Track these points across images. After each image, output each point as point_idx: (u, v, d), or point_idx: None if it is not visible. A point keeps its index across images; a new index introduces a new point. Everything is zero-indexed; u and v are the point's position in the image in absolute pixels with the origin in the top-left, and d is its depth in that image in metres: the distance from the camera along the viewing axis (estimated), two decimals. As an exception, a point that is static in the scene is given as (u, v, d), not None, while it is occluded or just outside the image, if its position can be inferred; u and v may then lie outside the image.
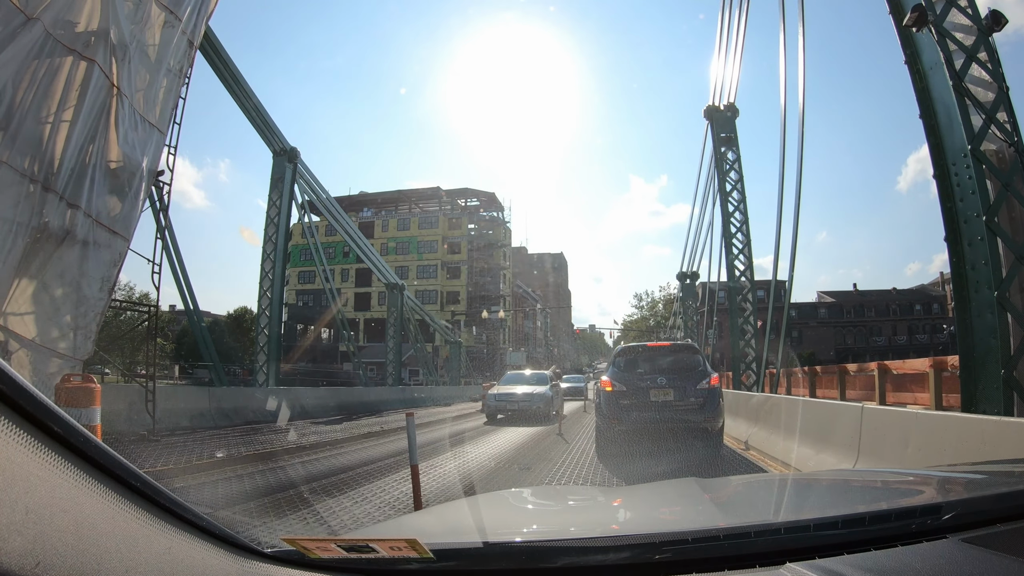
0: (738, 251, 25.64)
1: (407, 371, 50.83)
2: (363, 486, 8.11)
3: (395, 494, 7.49)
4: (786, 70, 17.76)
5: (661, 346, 12.55)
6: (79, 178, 10.25)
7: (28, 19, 8.68)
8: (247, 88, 23.40)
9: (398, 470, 9.20)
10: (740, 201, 25.87)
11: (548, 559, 1.55)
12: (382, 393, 31.19)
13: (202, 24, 13.62)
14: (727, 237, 25.84)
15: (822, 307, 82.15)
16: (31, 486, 0.88)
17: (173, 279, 19.66)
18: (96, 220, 10.60)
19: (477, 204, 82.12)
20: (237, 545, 1.31)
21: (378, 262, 38.21)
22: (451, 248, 76.26)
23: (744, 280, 25.63)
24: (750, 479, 4.86)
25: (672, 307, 55.62)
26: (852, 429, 7.68)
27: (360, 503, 7.06)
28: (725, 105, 26.93)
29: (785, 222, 17.90)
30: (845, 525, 1.63)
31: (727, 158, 26.61)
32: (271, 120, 25.42)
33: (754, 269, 25.75)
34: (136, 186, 11.71)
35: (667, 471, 8.49)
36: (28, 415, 0.90)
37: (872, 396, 15.11)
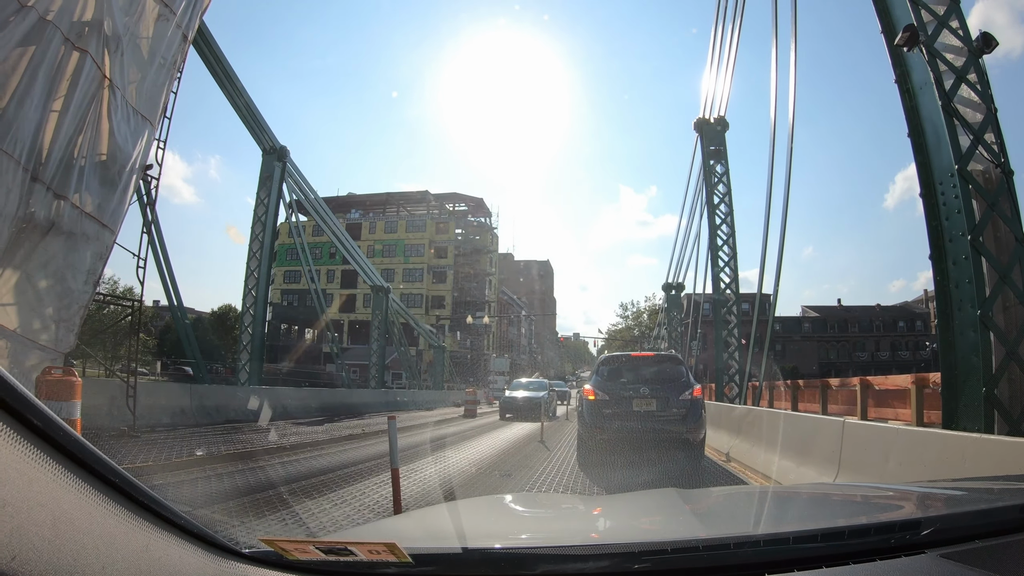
0: (724, 263, 25.76)
1: (390, 374, 50.73)
2: (343, 488, 8.08)
3: (375, 497, 7.47)
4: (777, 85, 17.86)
5: (645, 356, 12.59)
6: (67, 169, 10.13)
7: (21, 6, 8.58)
8: (239, 85, 23.31)
9: (378, 473, 9.18)
10: (727, 214, 26.02)
11: (527, 566, 1.56)
12: (364, 395, 31.07)
13: (196, 18, 13.53)
14: (713, 249, 25.98)
15: (806, 321, 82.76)
16: (7, 479, 0.87)
17: (158, 274, 19.57)
18: (83, 212, 10.48)
19: (465, 209, 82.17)
20: (215, 544, 1.30)
21: (364, 264, 38.10)
22: (438, 252, 76.22)
23: (729, 293, 25.77)
24: (730, 491, 4.91)
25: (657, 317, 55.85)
26: (833, 443, 7.72)
27: (340, 505, 7.05)
28: (715, 118, 27.08)
29: (771, 236, 17.99)
30: (824, 539, 1.64)
31: (716, 171, 26.76)
32: (262, 118, 25.38)
33: (739, 282, 25.92)
34: (125, 179, 11.58)
35: (648, 481, 8.53)
36: (6, 406, 0.89)
37: (854, 411, 15.20)
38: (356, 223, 76.13)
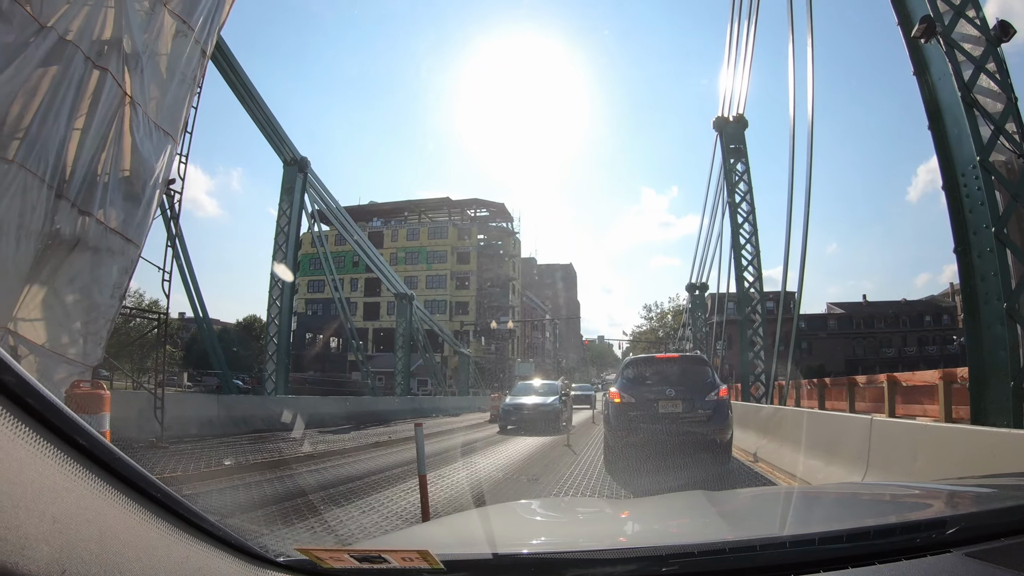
0: (747, 262, 25.51)
1: (416, 381, 50.88)
2: (371, 496, 8.11)
3: (403, 504, 7.49)
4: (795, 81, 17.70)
5: (670, 358, 12.54)
6: (91, 185, 10.32)
7: (42, 28, 8.77)
8: (258, 98, 23.55)
9: (406, 480, 9.19)
10: (749, 212, 25.81)
11: (556, 571, 1.57)
12: (391, 403, 31.21)
13: (214, 34, 13.72)
14: (736, 248, 25.74)
15: (832, 318, 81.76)
16: (57, 496, 0.90)
17: (183, 287, 19.79)
18: (108, 227, 10.66)
19: (487, 214, 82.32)
20: (251, 554, 1.33)
21: (387, 272, 38.27)
22: (460, 258, 76.38)
23: (753, 291, 25.54)
24: (758, 492, 4.92)
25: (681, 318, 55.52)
26: (861, 441, 7.63)
27: (368, 512, 7.08)
28: (734, 117, 26.91)
29: (794, 233, 17.81)
30: (850, 539, 1.64)
31: (736, 169, 26.57)
32: (282, 130, 25.58)
33: (763, 280, 25.71)
34: (149, 194, 11.77)
35: (675, 484, 8.45)
36: (55, 428, 0.92)
37: (881, 408, 14.95)
38: (378, 231, 76.54)
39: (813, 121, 16.09)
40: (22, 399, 0.87)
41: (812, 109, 16.08)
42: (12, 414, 0.85)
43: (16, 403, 0.87)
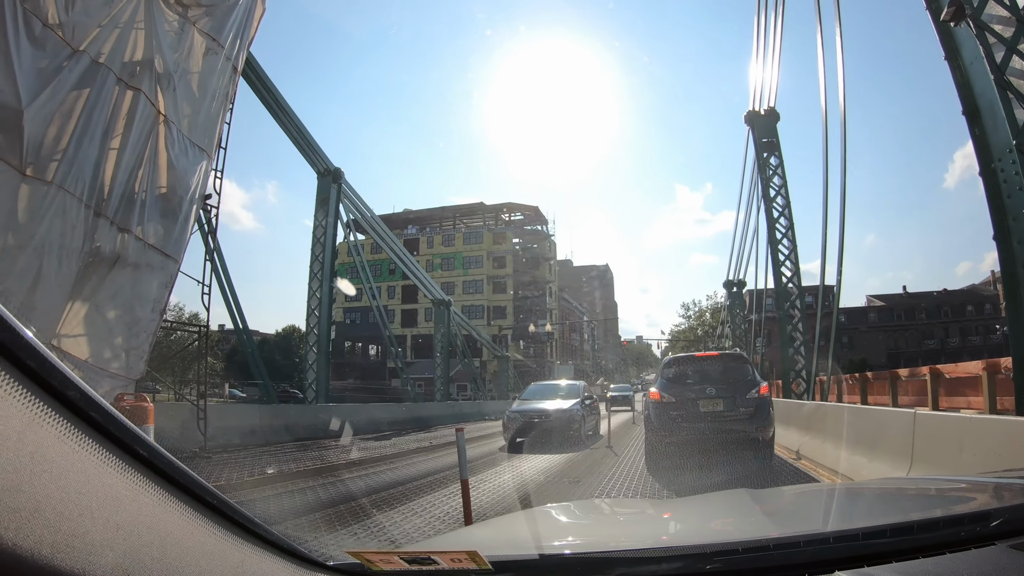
0: (784, 257, 25.21)
1: (455, 386, 51.08)
2: (413, 500, 8.17)
3: (445, 508, 7.53)
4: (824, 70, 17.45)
5: (709, 356, 12.45)
6: (129, 203, 10.61)
7: (74, 52, 9.03)
8: (290, 111, 23.88)
9: (447, 484, 9.23)
10: (785, 206, 25.48)
11: (603, 570, 1.59)
12: (431, 408, 31.38)
13: (244, 50, 14.00)
14: (773, 243, 25.45)
15: (872, 311, 79.97)
16: (120, 505, 0.94)
17: (222, 299, 20.18)
18: (147, 243, 10.95)
19: (521, 218, 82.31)
20: (302, 558, 1.36)
21: (424, 279, 38.51)
22: (496, 263, 76.44)
23: (791, 286, 25.21)
24: (801, 489, 4.87)
25: (720, 316, 54.90)
26: (905, 436, 7.46)
27: (410, 517, 7.13)
28: (765, 110, 26.57)
29: (831, 225, 17.54)
30: (893, 533, 1.62)
31: (770, 163, 26.21)
32: (314, 142, 25.88)
33: (801, 275, 25.35)
34: (186, 210, 12.07)
35: (718, 482, 8.38)
36: (116, 439, 0.96)
37: (925, 401, 14.67)
38: (414, 238, 77.04)
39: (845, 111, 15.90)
40: (86, 413, 0.91)
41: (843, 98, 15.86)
42: (78, 428, 0.89)
43: (81, 417, 0.90)
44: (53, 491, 0.84)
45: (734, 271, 38.61)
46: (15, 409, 0.81)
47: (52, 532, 0.82)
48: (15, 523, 0.77)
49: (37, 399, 0.84)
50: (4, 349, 0.81)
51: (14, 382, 0.81)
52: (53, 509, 0.83)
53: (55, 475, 0.85)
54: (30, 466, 0.81)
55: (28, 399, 0.83)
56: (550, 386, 19.53)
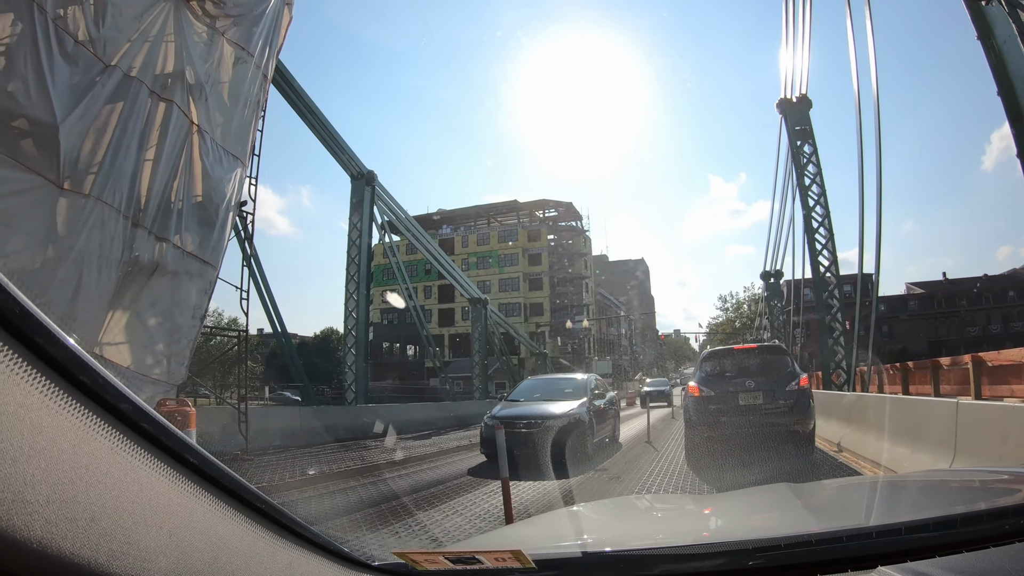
0: (821, 246, 24.70)
1: (494, 384, 51.15)
2: (454, 499, 8.24)
3: (485, 507, 7.59)
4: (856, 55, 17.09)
5: (748, 348, 12.34)
6: (166, 212, 10.84)
7: (106, 67, 9.25)
8: (321, 116, 24.16)
9: (487, 483, 9.30)
10: (820, 195, 24.94)
11: (646, 567, 1.62)
12: (469, 407, 31.45)
13: (273, 57, 14.20)
14: (809, 232, 24.96)
15: (912, 299, 77.99)
16: (172, 512, 0.97)
17: (261, 304, 20.49)
18: (185, 251, 11.18)
19: (555, 214, 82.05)
20: (348, 559, 1.39)
21: (460, 278, 38.62)
22: (532, 260, 76.35)
23: (829, 276, 24.65)
24: (843, 483, 4.90)
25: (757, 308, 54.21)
26: (947, 426, 7.34)
27: (451, 516, 7.20)
28: (797, 97, 26.03)
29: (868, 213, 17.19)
30: (936, 527, 1.62)
31: (804, 151, 25.68)
32: (346, 145, 26.11)
33: (839, 264, 24.77)
34: (222, 217, 12.29)
35: (758, 477, 8.28)
36: (166, 448, 0.99)
37: (967, 391, 14.31)
38: (448, 238, 77.31)
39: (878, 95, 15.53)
40: (138, 424, 0.94)
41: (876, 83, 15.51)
42: (130, 439, 0.92)
43: (132, 428, 0.93)
44: (108, 501, 0.86)
45: (771, 262, 38.01)
46: (69, 423, 0.83)
47: (108, 540, 0.84)
48: (73, 533, 0.80)
49: (91, 412, 0.87)
50: (58, 365, 0.83)
51: (68, 397, 0.83)
52: (109, 518, 0.85)
53: (110, 485, 0.87)
54: (85, 477, 0.84)
55: (82, 413, 0.85)
56: (550, 381, 15.51)
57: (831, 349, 24.08)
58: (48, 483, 0.78)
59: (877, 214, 16.50)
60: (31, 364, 0.79)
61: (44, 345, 0.81)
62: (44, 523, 0.77)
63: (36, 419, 0.79)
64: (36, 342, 0.81)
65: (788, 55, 26.19)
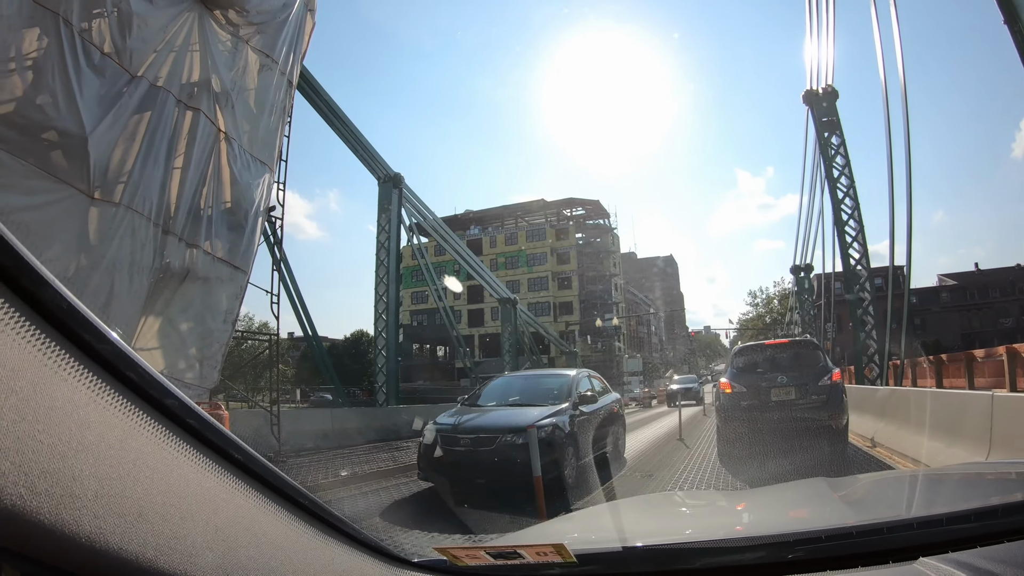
0: (851, 239, 24.42)
1: (524, 384, 50.98)
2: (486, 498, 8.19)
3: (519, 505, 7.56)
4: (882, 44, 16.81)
5: (779, 343, 12.22)
6: (196, 219, 11.01)
7: (133, 77, 9.42)
8: (347, 120, 24.41)
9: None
10: (849, 187, 24.70)
11: (686, 560, 1.62)
12: (499, 407, 31.40)
13: (298, 63, 14.34)
14: (839, 225, 24.71)
15: (944, 291, 76.01)
16: (219, 508, 0.99)
17: (291, 307, 20.76)
18: (215, 257, 11.34)
19: (583, 213, 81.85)
20: (389, 555, 1.40)
21: (489, 278, 38.74)
22: (560, 259, 76.20)
23: (860, 269, 24.36)
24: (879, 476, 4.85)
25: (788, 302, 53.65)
26: (982, 420, 7.21)
27: (487, 513, 7.18)
28: (824, 89, 25.77)
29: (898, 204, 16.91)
30: (977, 518, 1.62)
31: (831, 143, 25.44)
32: (373, 148, 26.36)
33: (870, 256, 24.50)
34: (251, 223, 12.44)
35: (792, 472, 8.21)
36: (212, 444, 1.00)
37: (1003, 383, 14.01)
38: (476, 239, 77.37)
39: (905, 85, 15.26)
40: (184, 420, 0.95)
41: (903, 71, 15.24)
42: (176, 435, 0.94)
43: (178, 424, 0.94)
44: (155, 496, 0.87)
45: (800, 255, 38.02)
46: (116, 419, 0.84)
47: (156, 535, 0.86)
48: (121, 528, 0.81)
49: (137, 408, 0.88)
50: (104, 361, 0.84)
51: (115, 393, 0.84)
52: (156, 513, 0.87)
53: (156, 480, 0.88)
54: (133, 473, 0.85)
55: (128, 409, 0.87)
56: (529, 379, 12.02)
57: (863, 343, 23.81)
58: (96, 478, 0.79)
59: (907, 205, 16.31)
60: (78, 360, 0.80)
61: (91, 341, 0.82)
62: (92, 518, 0.78)
63: (84, 415, 0.80)
64: (83, 338, 0.81)
65: (813, 46, 26.02)
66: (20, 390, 0.73)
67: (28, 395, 0.74)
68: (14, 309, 0.74)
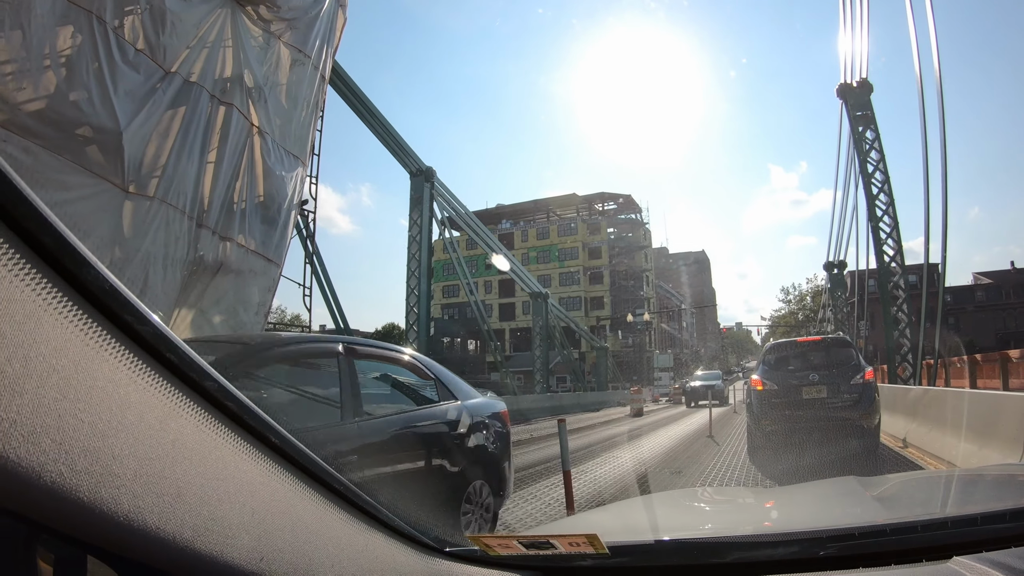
0: (886, 235, 23.91)
1: (555, 378, 51.13)
2: (517, 491, 8.17)
3: (548, 499, 7.61)
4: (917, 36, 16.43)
5: (811, 341, 12.03)
6: (229, 213, 11.16)
7: (166, 73, 9.55)
8: (379, 114, 24.51)
9: (549, 476, 9.26)
10: (884, 182, 24.11)
11: (718, 554, 1.61)
12: (530, 401, 31.51)
13: (330, 58, 14.44)
14: (873, 221, 24.18)
15: (979, 290, 73.91)
16: (255, 491, 0.99)
17: (323, 300, 20.89)
18: (249, 250, 11.48)
19: (614, 208, 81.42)
20: (422, 543, 1.40)
21: (520, 272, 38.73)
22: (592, 254, 75.88)
23: (894, 266, 23.84)
24: (910, 476, 4.79)
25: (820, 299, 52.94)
26: (1016, 421, 7.03)
27: (521, 504, 7.28)
28: (858, 82, 25.16)
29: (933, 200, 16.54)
30: (1013, 518, 1.57)
31: (866, 137, 24.84)
32: (405, 143, 26.44)
33: (904, 253, 23.95)
34: (284, 216, 12.58)
35: (823, 471, 8.12)
36: (250, 428, 1.01)
37: (1039, 385, 13.71)
38: (508, 233, 77.37)
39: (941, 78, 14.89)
40: (222, 403, 0.96)
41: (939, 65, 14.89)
42: (215, 417, 0.94)
43: (217, 407, 0.95)
44: (193, 477, 0.88)
45: (834, 252, 37.55)
46: (156, 399, 0.84)
47: (193, 516, 0.86)
48: (159, 508, 0.81)
49: (176, 390, 0.88)
50: (145, 343, 0.83)
51: (154, 374, 0.84)
52: (194, 494, 0.87)
53: (195, 462, 0.89)
54: (172, 453, 0.85)
55: (168, 391, 0.86)
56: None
57: (896, 341, 23.31)
58: (135, 458, 0.79)
59: (943, 201, 15.96)
60: (119, 341, 0.80)
61: (132, 323, 0.82)
62: (131, 497, 0.78)
63: (124, 395, 0.80)
64: (124, 319, 0.81)
65: (847, 39, 25.52)
66: (62, 369, 0.73)
67: (70, 374, 0.74)
68: (57, 289, 0.74)
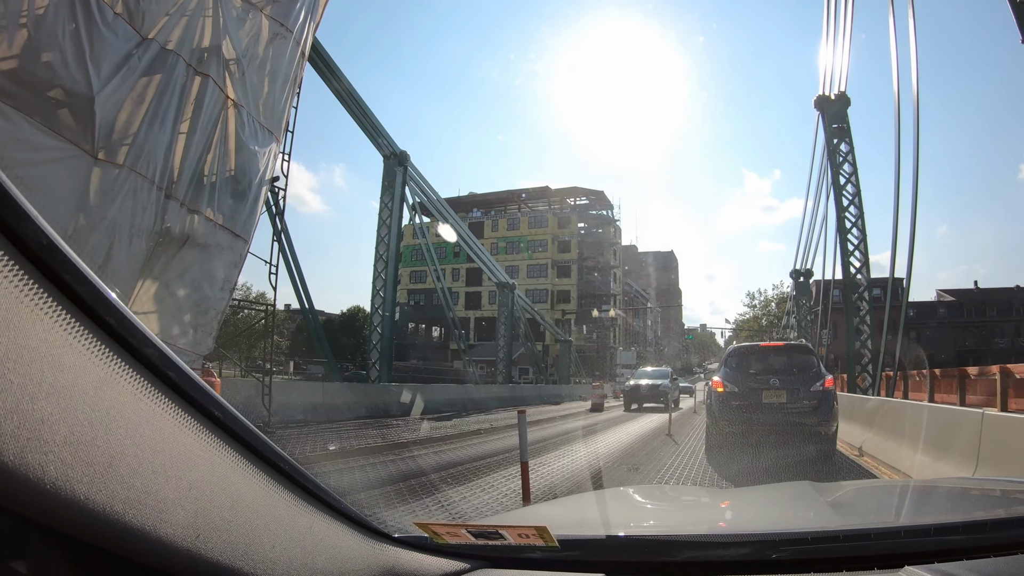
0: (853, 247, 24.39)
1: (517, 369, 51.27)
2: (471, 481, 8.23)
3: (503, 490, 7.58)
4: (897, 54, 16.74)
5: (774, 346, 12.22)
6: (198, 185, 10.94)
7: (143, 39, 9.34)
8: (356, 95, 24.21)
9: (506, 467, 9.28)
10: (855, 195, 24.61)
11: (671, 552, 1.60)
12: (492, 391, 31.56)
13: (311, 34, 14.21)
14: (842, 232, 24.63)
15: (941, 306, 76.18)
16: (193, 464, 0.96)
17: (289, 279, 20.66)
18: (216, 224, 11.28)
19: (586, 203, 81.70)
20: (369, 528, 1.38)
21: (489, 262, 38.67)
22: (561, 247, 76.14)
23: (860, 277, 24.37)
24: (865, 484, 5.01)
25: (785, 306, 53.80)
26: (971, 437, 7.21)
27: (468, 498, 7.20)
28: (836, 95, 25.62)
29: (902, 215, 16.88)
30: (966, 531, 1.61)
31: (840, 150, 25.29)
32: (380, 125, 26.15)
33: (870, 266, 24.49)
34: (254, 192, 12.37)
35: (779, 474, 8.26)
36: (192, 399, 0.97)
37: (994, 402, 14.08)
38: (479, 222, 77.21)
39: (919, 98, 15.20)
40: (163, 372, 0.92)
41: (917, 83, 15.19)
42: (154, 386, 0.90)
43: (157, 375, 0.91)
44: (128, 447, 0.84)
45: (801, 260, 38.09)
46: (93, 364, 0.81)
47: (126, 488, 0.82)
48: (89, 477, 0.78)
49: (115, 355, 0.84)
50: (83, 304, 0.80)
51: (92, 337, 0.81)
52: (127, 465, 0.83)
53: (130, 431, 0.85)
54: (106, 421, 0.81)
55: (106, 355, 0.83)
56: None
57: (857, 352, 23.81)
58: (66, 423, 0.76)
59: (911, 217, 16.31)
60: (56, 300, 0.77)
61: (70, 282, 0.79)
62: (60, 464, 0.75)
63: (58, 356, 0.76)
64: (62, 277, 0.78)
65: (828, 51, 25.88)
66: None
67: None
68: None
